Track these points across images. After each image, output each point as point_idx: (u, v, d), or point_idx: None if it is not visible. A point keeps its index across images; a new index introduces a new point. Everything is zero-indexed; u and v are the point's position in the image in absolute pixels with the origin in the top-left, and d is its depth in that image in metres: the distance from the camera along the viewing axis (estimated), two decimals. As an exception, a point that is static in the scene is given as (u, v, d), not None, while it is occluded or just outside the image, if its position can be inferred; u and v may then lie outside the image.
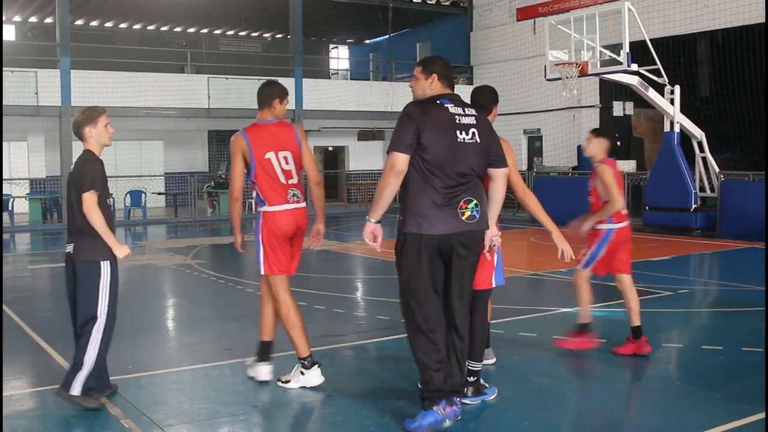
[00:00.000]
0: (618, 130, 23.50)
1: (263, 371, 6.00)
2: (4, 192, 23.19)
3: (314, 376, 5.87)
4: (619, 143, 23.52)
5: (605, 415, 5.29)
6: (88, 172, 5.49)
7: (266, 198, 5.80)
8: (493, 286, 5.95)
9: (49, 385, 6.08)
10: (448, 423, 4.89)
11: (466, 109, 5.03)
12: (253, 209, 5.96)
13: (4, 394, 5.91)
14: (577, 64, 17.17)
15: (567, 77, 17.30)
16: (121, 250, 5.57)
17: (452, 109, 4.96)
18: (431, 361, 4.87)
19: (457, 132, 4.90)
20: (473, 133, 4.95)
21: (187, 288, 11.48)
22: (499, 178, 5.19)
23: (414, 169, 4.85)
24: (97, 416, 5.41)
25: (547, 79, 18.51)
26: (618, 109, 23.14)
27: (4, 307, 9.55)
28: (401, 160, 4.80)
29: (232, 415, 5.27)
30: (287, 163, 5.87)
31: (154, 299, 10.78)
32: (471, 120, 4.99)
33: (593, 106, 23.70)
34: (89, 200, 5.42)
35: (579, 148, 23.35)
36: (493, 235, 5.37)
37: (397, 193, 4.96)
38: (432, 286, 4.90)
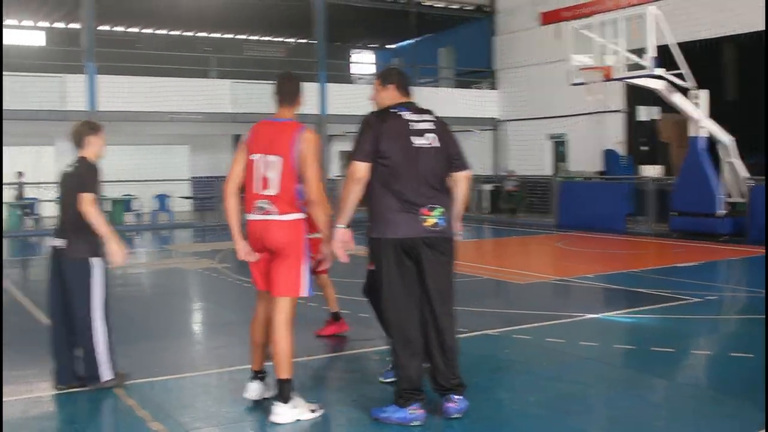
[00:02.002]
0: (644, 135, 23.34)
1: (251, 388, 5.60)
2: (32, 195, 23.45)
3: (250, 388, 5.53)
4: (644, 148, 23.37)
5: (633, 421, 5.25)
6: (91, 175, 5.98)
7: (245, 202, 5.34)
8: None
9: (78, 387, 6.12)
10: (416, 423, 5.08)
11: (422, 115, 5.29)
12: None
13: (33, 396, 5.97)
14: (601, 68, 17.09)
15: (591, 82, 17.22)
16: (118, 248, 5.90)
17: (407, 116, 5.21)
18: (406, 360, 5.12)
19: (412, 138, 5.13)
20: (431, 137, 5.19)
21: (213, 291, 11.52)
22: (460, 180, 5.38)
23: (375, 175, 5.12)
24: (125, 418, 5.44)
25: (572, 84, 18.42)
26: (644, 113, 22.97)
27: (34, 310, 9.65)
28: (360, 168, 5.09)
29: (258, 419, 5.28)
30: (270, 169, 5.18)
31: (180, 303, 10.83)
32: (428, 125, 5.23)
33: (618, 110, 23.56)
34: (88, 199, 5.83)
35: (604, 152, 23.24)
36: (458, 231, 5.50)
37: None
38: (404, 288, 5.15)
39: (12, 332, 8.51)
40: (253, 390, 5.52)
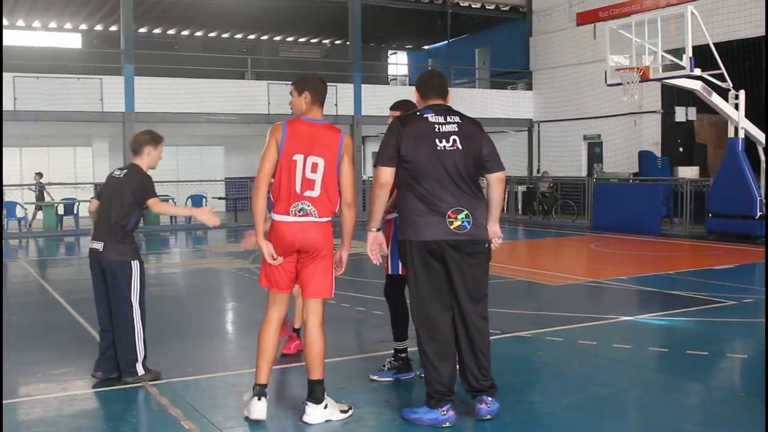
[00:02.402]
0: (680, 135, 23.11)
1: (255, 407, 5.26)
2: (70, 196, 23.76)
3: (257, 408, 5.17)
4: (681, 149, 23.15)
5: (667, 426, 5.20)
6: (148, 183, 6.26)
7: (274, 202, 5.19)
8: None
9: (112, 385, 6.20)
10: (447, 425, 5.09)
11: (449, 117, 5.24)
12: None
13: (69, 394, 6.05)
14: (638, 69, 16.95)
15: (628, 82, 17.09)
16: (202, 213, 6.34)
17: (432, 118, 5.19)
18: (435, 362, 5.12)
19: (437, 140, 5.11)
20: (454, 140, 5.14)
21: (246, 292, 11.58)
22: (492, 182, 5.33)
23: (401, 179, 5.17)
24: (158, 417, 5.49)
25: (608, 85, 18.30)
26: (680, 114, 22.72)
27: (70, 309, 9.78)
28: (384, 172, 5.15)
29: (290, 418, 5.30)
30: (314, 171, 5.11)
31: (213, 303, 10.91)
32: (453, 127, 5.18)
33: (655, 111, 23.35)
34: (155, 202, 6.21)
35: (640, 154, 23.04)
36: (496, 235, 5.44)
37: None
38: (431, 290, 5.16)
39: (48, 331, 8.64)
40: (260, 410, 5.17)
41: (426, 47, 36.80)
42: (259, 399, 5.16)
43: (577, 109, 25.84)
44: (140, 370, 6.20)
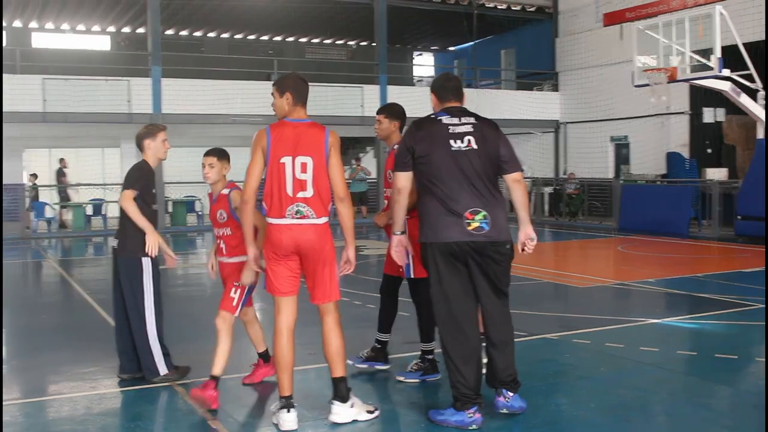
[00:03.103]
0: (709, 137, 22.92)
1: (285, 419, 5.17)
2: (98, 197, 23.98)
3: (287, 420, 5.10)
4: (709, 151, 22.95)
5: (695, 430, 5.16)
6: (135, 174, 6.21)
7: (266, 207, 5.15)
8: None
9: (140, 384, 6.24)
10: (474, 427, 5.09)
11: (464, 118, 5.26)
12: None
13: (97, 393, 6.10)
14: (665, 69, 16.84)
15: (655, 83, 16.98)
16: (151, 238, 6.12)
17: (446, 120, 5.24)
18: (459, 364, 5.12)
19: (451, 141, 5.15)
20: (468, 140, 5.16)
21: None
22: (510, 183, 5.31)
23: (419, 181, 5.23)
24: (185, 416, 5.53)
25: (635, 86, 18.20)
26: (709, 115, 22.55)
27: (99, 308, 9.86)
28: (400, 177, 5.25)
29: (317, 419, 5.31)
30: (303, 171, 5.06)
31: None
32: (467, 128, 5.20)
33: (683, 112, 23.17)
34: (126, 195, 6.09)
35: (668, 155, 22.86)
36: (528, 237, 5.37)
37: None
38: (457, 291, 5.17)
39: (77, 330, 8.72)
40: (291, 421, 5.11)
41: (451, 48, 36.75)
42: (288, 411, 5.12)
43: (604, 111, 25.69)
44: (162, 369, 6.21)
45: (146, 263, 6.21)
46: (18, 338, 8.56)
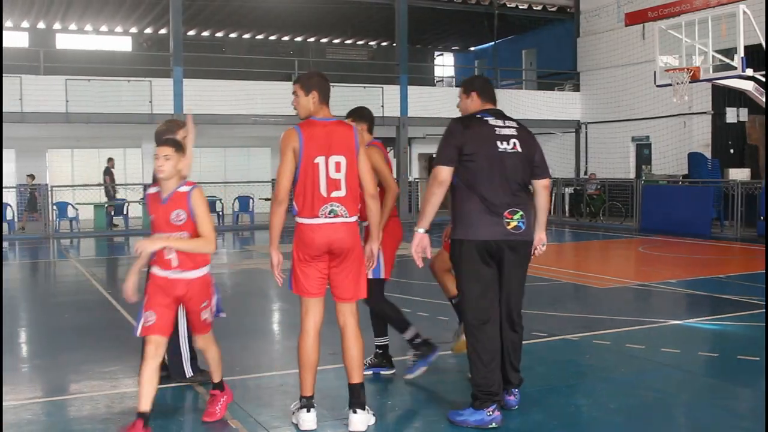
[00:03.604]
0: (731, 137, 22.76)
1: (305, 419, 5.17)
2: (120, 197, 24.14)
3: (307, 420, 5.11)
4: (732, 151, 22.79)
5: None
6: None
7: (298, 207, 5.07)
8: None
9: (160, 384, 6.26)
10: (494, 425, 5.12)
11: (507, 121, 5.38)
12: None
13: (118, 392, 6.15)
14: (688, 69, 16.73)
15: (678, 83, 16.87)
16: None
17: (492, 121, 5.31)
18: (486, 361, 5.15)
19: (497, 143, 5.22)
20: (514, 143, 5.27)
21: (292, 293, 11.64)
22: (539, 188, 5.47)
23: (459, 179, 5.20)
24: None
25: (657, 86, 18.08)
26: (731, 115, 22.39)
27: (120, 308, 9.92)
28: (443, 171, 5.18)
29: (336, 419, 5.31)
30: (338, 170, 5.02)
31: (260, 303, 10.99)
32: (512, 131, 5.31)
33: (705, 112, 23.01)
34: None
35: (690, 155, 22.71)
36: (541, 241, 5.53)
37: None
38: (486, 288, 5.21)
39: (99, 330, 8.78)
40: (310, 421, 5.11)
41: (472, 48, 36.70)
42: (308, 411, 5.11)
43: (626, 111, 25.57)
44: (188, 371, 6.23)
45: None
46: (40, 337, 8.64)
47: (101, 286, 11.90)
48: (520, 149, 5.27)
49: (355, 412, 5.08)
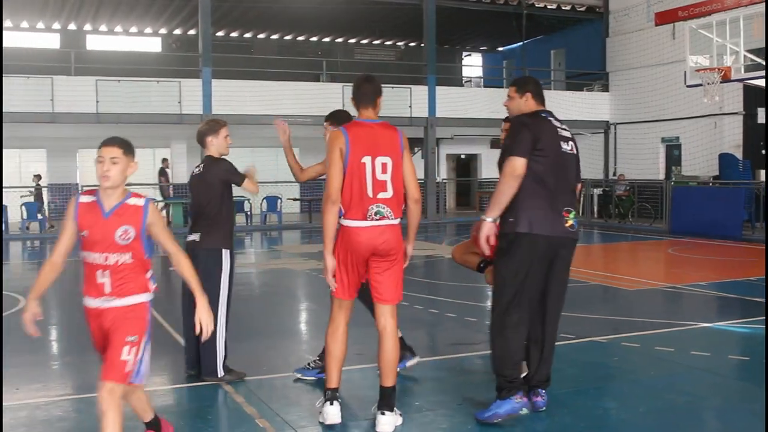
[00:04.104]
0: (763, 138, 22.48)
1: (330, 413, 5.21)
2: (149, 195, 24.29)
3: (330, 413, 5.14)
4: (764, 152, 22.53)
5: (747, 435, 5.08)
6: (224, 167, 6.33)
7: (344, 208, 5.00)
8: None
9: (187, 382, 6.31)
10: (524, 411, 5.22)
11: (561, 123, 5.52)
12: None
13: (146, 390, 6.18)
14: (719, 69, 16.58)
15: (708, 83, 16.72)
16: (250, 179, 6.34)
17: (554, 122, 5.44)
18: (517, 353, 5.25)
19: (561, 142, 5.35)
20: (572, 145, 5.45)
21: (320, 293, 11.65)
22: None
23: (530, 173, 5.17)
24: (233, 414, 5.58)
25: (687, 86, 17.96)
26: (763, 115, 22.15)
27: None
28: (522, 164, 5.14)
29: (365, 419, 5.32)
30: (384, 171, 5.01)
31: (288, 303, 11.02)
32: (568, 134, 5.47)
33: (736, 113, 22.78)
34: (243, 184, 6.37)
35: (720, 156, 22.50)
36: None
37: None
38: (534, 283, 5.24)
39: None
40: (334, 414, 5.14)
41: (500, 49, 36.59)
42: (332, 404, 5.12)
43: (655, 111, 25.38)
44: (220, 372, 6.24)
45: (226, 257, 6.25)
46: (71, 336, 8.73)
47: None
48: (575, 151, 5.46)
49: (383, 413, 5.07)
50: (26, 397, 6.00)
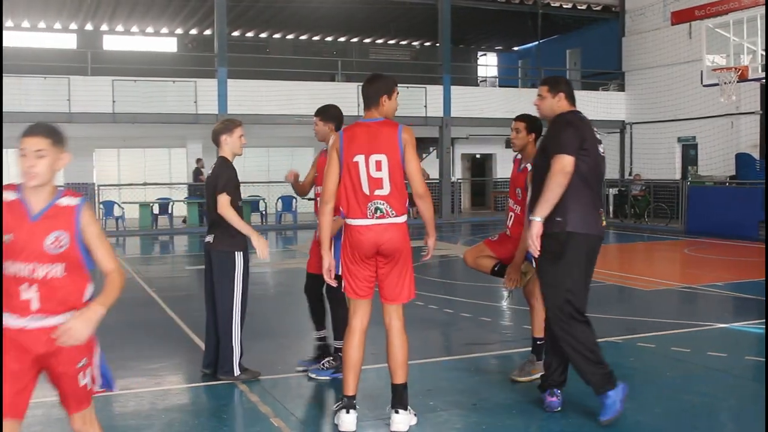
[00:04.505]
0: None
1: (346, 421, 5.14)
2: (164, 196, 24.40)
3: (346, 421, 5.08)
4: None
5: (764, 437, 5.04)
6: (224, 177, 6.18)
7: (344, 208, 5.09)
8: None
9: (202, 381, 6.33)
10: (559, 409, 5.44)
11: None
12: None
13: (162, 389, 6.22)
14: (736, 68, 16.49)
15: (725, 83, 16.64)
16: (259, 241, 6.02)
17: (590, 124, 5.45)
18: (595, 347, 5.30)
19: (598, 145, 5.39)
20: (603, 148, 5.47)
21: (335, 292, 11.68)
22: None
23: (578, 172, 5.17)
24: (248, 413, 5.59)
25: (704, 85, 17.88)
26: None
27: (165, 306, 10.04)
28: (571, 162, 5.12)
29: (378, 418, 5.32)
30: (378, 169, 5.00)
31: (302, 302, 10.95)
32: (599, 136, 5.46)
33: (753, 112, 22.63)
34: (223, 202, 6.06)
35: (737, 156, 22.37)
36: None
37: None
38: (588, 282, 5.37)
39: (144, 327, 8.88)
40: (350, 422, 5.09)
41: (516, 48, 36.51)
42: (348, 412, 5.09)
43: (671, 111, 25.26)
44: (236, 370, 6.26)
45: (239, 259, 6.27)
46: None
47: (146, 284, 12.04)
48: (605, 154, 5.50)
49: (397, 412, 5.07)
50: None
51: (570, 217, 5.16)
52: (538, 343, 6.22)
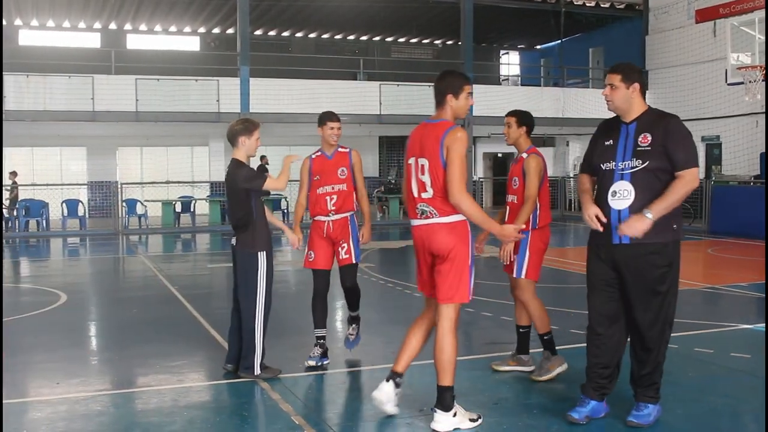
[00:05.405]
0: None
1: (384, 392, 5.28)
2: (187, 194, 24.51)
3: (382, 389, 5.23)
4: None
5: (788, 439, 4.99)
6: (243, 171, 6.30)
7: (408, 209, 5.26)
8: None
9: (223, 378, 6.36)
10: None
11: None
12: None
13: (183, 386, 6.25)
14: (761, 67, 16.35)
15: (750, 81, 16.51)
16: (294, 237, 6.77)
17: None
18: None
19: None
20: None
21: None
22: None
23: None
24: (269, 411, 5.61)
25: (729, 84, 17.76)
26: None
27: (187, 304, 10.09)
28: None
29: (399, 417, 5.31)
30: (422, 173, 5.01)
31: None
32: None
33: (778, 111, 22.44)
34: (268, 182, 6.34)
35: (762, 155, 22.17)
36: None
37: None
38: None
39: (166, 325, 8.93)
40: (385, 392, 5.21)
41: (538, 47, 36.37)
42: (387, 381, 5.21)
43: (695, 110, 25.06)
44: (257, 369, 6.28)
45: (262, 259, 6.34)
46: (110, 331, 8.84)
47: (168, 282, 12.10)
48: None
49: (435, 411, 5.08)
50: (66, 391, 6.08)
51: (680, 225, 5.24)
52: (521, 330, 6.56)
